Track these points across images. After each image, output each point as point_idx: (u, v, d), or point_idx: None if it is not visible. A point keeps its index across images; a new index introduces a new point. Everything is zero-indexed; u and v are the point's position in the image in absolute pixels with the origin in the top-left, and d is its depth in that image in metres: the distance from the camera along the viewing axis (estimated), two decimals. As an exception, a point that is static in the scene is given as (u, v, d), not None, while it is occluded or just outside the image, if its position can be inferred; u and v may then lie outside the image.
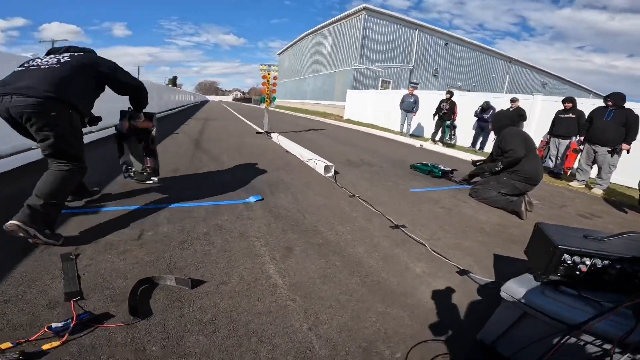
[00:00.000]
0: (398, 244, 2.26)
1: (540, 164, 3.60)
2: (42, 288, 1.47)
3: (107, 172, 3.36)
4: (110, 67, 2.27)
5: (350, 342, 1.31)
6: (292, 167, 4.41)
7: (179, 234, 2.14)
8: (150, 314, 1.36)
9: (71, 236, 1.95)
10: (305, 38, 30.43)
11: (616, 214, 3.87)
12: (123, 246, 1.91)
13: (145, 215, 2.38)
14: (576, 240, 1.12)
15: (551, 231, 1.18)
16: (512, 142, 3.48)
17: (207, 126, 9.16)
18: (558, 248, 1.07)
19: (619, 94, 5.11)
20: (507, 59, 28.10)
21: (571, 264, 1.08)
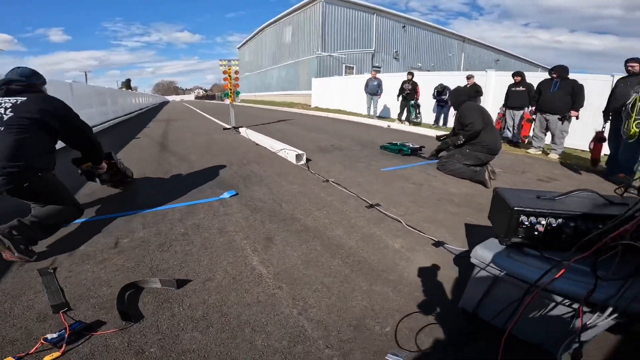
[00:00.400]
0: (375, 223, 2.33)
1: (497, 135, 3.81)
2: (28, 303, 1.45)
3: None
4: (62, 119, 2.07)
5: (340, 321, 1.35)
6: (263, 159, 4.38)
7: (156, 237, 2.09)
8: (141, 317, 1.36)
9: (44, 250, 1.89)
10: (264, 30, 29.76)
11: (572, 176, 4.19)
12: (100, 255, 1.86)
13: (118, 223, 2.31)
14: (530, 201, 1.21)
15: (507, 194, 1.27)
16: (470, 116, 3.67)
17: (171, 127, 8.83)
18: (514, 210, 1.16)
19: (562, 66, 5.53)
20: (461, 39, 28.96)
21: (529, 224, 1.17)
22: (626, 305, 0.95)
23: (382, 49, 23.23)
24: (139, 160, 4.41)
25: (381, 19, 23.03)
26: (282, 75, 26.34)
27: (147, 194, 2.94)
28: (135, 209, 2.55)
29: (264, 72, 30.59)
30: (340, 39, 21.50)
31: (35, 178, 1.89)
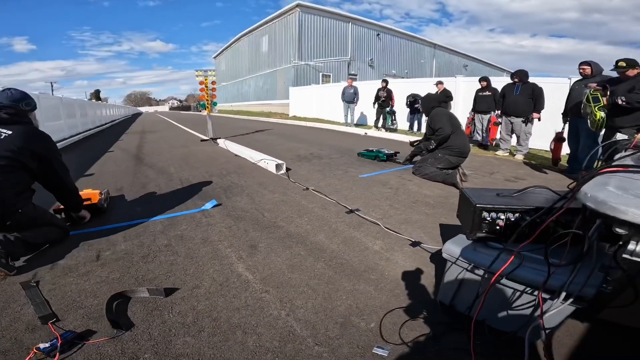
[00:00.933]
0: (355, 227, 2.43)
1: (466, 138, 4.02)
2: (14, 315, 1.44)
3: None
4: (41, 160, 2.04)
5: (327, 320, 1.43)
6: (243, 169, 4.41)
7: (139, 249, 2.10)
8: (132, 325, 1.38)
9: (23, 265, 1.88)
10: (241, 39, 29.70)
11: (536, 175, 4.48)
12: (83, 268, 1.86)
13: (97, 237, 2.28)
14: (491, 199, 1.34)
15: (470, 193, 1.40)
16: (440, 121, 3.87)
17: (145, 139, 8.65)
18: (476, 207, 1.28)
19: (522, 71, 5.91)
20: (432, 45, 29.97)
21: (490, 220, 1.30)
22: (579, 290, 1.07)
23: (357, 57, 23.64)
24: (114, 174, 4.33)
25: (356, 27, 23.48)
26: (259, 84, 26.27)
27: (126, 208, 2.91)
28: (114, 223, 2.53)
29: (240, 82, 30.39)
30: (316, 48, 21.74)
31: (17, 215, 1.91)
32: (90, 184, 3.70)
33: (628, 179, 0.55)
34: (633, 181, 0.53)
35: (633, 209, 0.37)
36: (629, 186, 0.48)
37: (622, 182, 0.51)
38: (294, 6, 20.62)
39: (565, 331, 1.36)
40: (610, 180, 0.52)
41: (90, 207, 2.58)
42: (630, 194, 0.41)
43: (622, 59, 3.71)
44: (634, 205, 0.37)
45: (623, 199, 0.39)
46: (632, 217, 0.37)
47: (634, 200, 0.38)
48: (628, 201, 0.38)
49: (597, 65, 4.53)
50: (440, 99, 4.59)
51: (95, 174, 4.38)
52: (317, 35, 21.67)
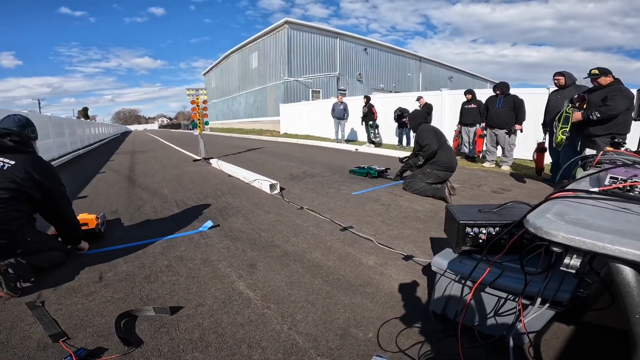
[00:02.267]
0: (349, 244, 2.52)
1: (452, 153, 4.15)
2: (24, 334, 1.49)
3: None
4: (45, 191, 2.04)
5: (327, 332, 1.51)
6: (238, 190, 4.47)
7: (140, 270, 2.15)
8: (141, 343, 1.43)
9: (27, 286, 1.92)
10: (230, 56, 29.99)
11: (522, 185, 4.67)
12: (87, 289, 1.91)
13: (98, 259, 2.33)
14: (473, 215, 1.46)
15: (455, 210, 1.52)
16: (427, 137, 4.01)
17: (137, 160, 8.65)
18: (460, 223, 1.40)
19: (504, 83, 6.18)
20: (418, 58, 30.67)
21: (473, 234, 1.41)
22: (553, 295, 1.18)
23: (346, 72, 24.03)
24: (108, 196, 4.35)
25: (344, 42, 23.89)
26: (249, 101, 26.46)
27: (123, 230, 2.94)
28: (112, 245, 2.58)
29: (231, 99, 30.54)
30: (306, 64, 22.04)
31: (25, 244, 1.95)
32: (85, 207, 3.72)
33: (572, 204, 0.66)
34: (575, 206, 0.63)
35: (562, 233, 0.47)
36: (567, 211, 0.58)
37: (563, 208, 0.62)
38: (283, 23, 21.02)
39: (552, 334, 1.47)
40: (554, 206, 0.62)
41: (88, 232, 2.61)
42: (564, 219, 0.52)
43: (595, 67, 3.92)
44: (562, 230, 0.47)
45: (554, 224, 0.49)
46: (561, 239, 0.48)
47: (564, 226, 0.48)
48: (558, 226, 0.49)
49: (570, 75, 4.74)
50: (425, 115, 4.73)
51: (88, 196, 4.39)
52: (306, 51, 22.02)
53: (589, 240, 0.45)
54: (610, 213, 0.58)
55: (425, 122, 4.39)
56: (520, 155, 6.70)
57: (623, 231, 0.47)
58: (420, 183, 4.00)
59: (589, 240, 0.45)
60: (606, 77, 3.84)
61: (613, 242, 0.43)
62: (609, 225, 0.49)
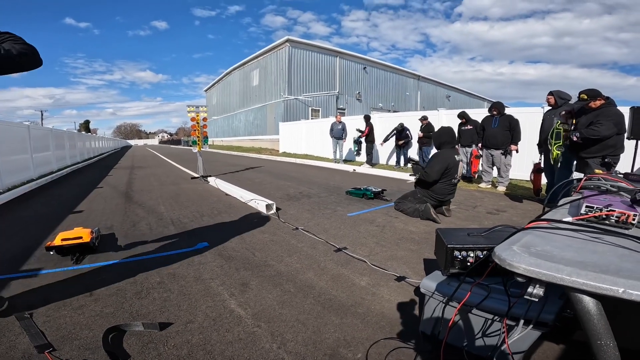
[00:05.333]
0: (342, 265, 2.52)
1: (452, 188, 3.94)
2: (10, 344, 1.49)
3: (27, 237, 3.09)
4: None
5: (316, 352, 1.50)
6: (234, 209, 4.47)
7: (132, 286, 2.15)
8: (128, 357, 1.42)
9: (17, 300, 1.93)
10: (232, 72, 30.21)
11: (518, 206, 4.69)
12: (76, 303, 1.91)
13: (89, 273, 2.33)
14: (461, 239, 1.48)
15: (444, 234, 1.54)
16: (432, 165, 3.85)
17: (135, 176, 8.68)
18: (448, 247, 1.42)
19: (499, 103, 6.28)
20: (416, 77, 30.76)
21: (461, 257, 1.43)
22: (537, 316, 1.19)
23: (345, 91, 24.03)
24: (104, 211, 4.35)
25: (344, 61, 23.90)
26: (249, 119, 26.59)
27: (116, 246, 2.94)
28: (105, 261, 2.57)
29: (231, 116, 30.66)
30: (306, 82, 22.03)
31: None
32: (80, 221, 3.74)
33: (544, 234, 0.69)
34: (546, 237, 0.65)
35: (523, 265, 0.50)
36: (536, 243, 0.60)
37: (533, 238, 0.64)
38: (284, 41, 21.16)
39: (542, 353, 1.48)
40: (525, 237, 0.64)
41: (82, 246, 2.62)
42: (528, 251, 0.54)
43: (584, 90, 3.92)
44: (524, 262, 0.50)
45: (518, 257, 0.52)
46: (522, 271, 0.50)
47: (526, 258, 0.51)
48: (520, 259, 0.51)
49: (561, 94, 4.76)
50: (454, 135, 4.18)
51: (84, 211, 4.40)
52: (306, 70, 22.06)
53: (548, 272, 0.47)
54: (579, 243, 0.60)
55: (450, 144, 4.00)
56: (518, 175, 6.73)
57: (584, 262, 0.49)
58: (408, 204, 4.00)
59: (547, 272, 0.47)
60: (595, 100, 3.90)
61: (571, 274, 0.46)
62: (572, 257, 0.51)
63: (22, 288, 2.10)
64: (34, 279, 2.26)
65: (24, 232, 3.44)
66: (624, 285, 0.43)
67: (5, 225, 3.80)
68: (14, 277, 2.27)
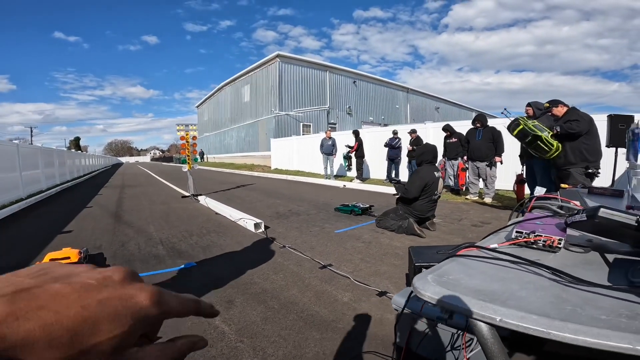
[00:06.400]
0: (326, 281, 2.59)
1: (432, 205, 4.04)
2: None
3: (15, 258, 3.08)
4: None
5: None
6: (223, 228, 4.52)
7: None
8: None
9: None
10: (223, 88, 30.28)
11: (502, 217, 4.80)
12: None
13: None
14: (429, 257, 1.58)
15: (414, 252, 1.65)
16: (413, 182, 3.97)
17: (125, 195, 8.67)
18: (415, 265, 1.52)
19: (482, 115, 6.50)
20: (405, 90, 31.18)
21: (430, 275, 1.53)
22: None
23: (336, 105, 24.15)
24: (93, 231, 4.37)
25: (334, 75, 24.13)
26: (241, 135, 26.57)
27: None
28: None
29: (223, 133, 30.63)
30: (296, 97, 22.11)
31: None
32: (69, 241, 3.77)
33: (466, 262, 0.78)
34: (466, 264, 0.74)
35: (428, 294, 0.58)
36: (453, 271, 0.69)
37: (455, 266, 0.72)
38: (275, 56, 21.33)
39: None
40: (445, 265, 0.73)
41: None
42: (438, 280, 0.62)
43: (548, 101, 4.18)
44: (429, 291, 0.58)
45: (426, 286, 0.59)
46: (428, 299, 0.58)
47: (432, 287, 0.58)
48: (427, 288, 0.59)
49: (537, 104, 4.89)
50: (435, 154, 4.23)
51: (73, 231, 4.43)
52: (296, 85, 22.17)
53: (445, 300, 0.55)
54: (494, 271, 0.68)
55: (430, 163, 4.11)
56: (503, 186, 6.89)
57: (482, 291, 0.57)
58: (391, 221, 4.09)
59: (445, 300, 0.55)
60: (556, 106, 4.13)
61: (461, 302, 0.54)
62: (475, 285, 0.59)
63: None
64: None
65: (13, 253, 3.45)
66: (502, 315, 0.50)
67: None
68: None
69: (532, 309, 0.51)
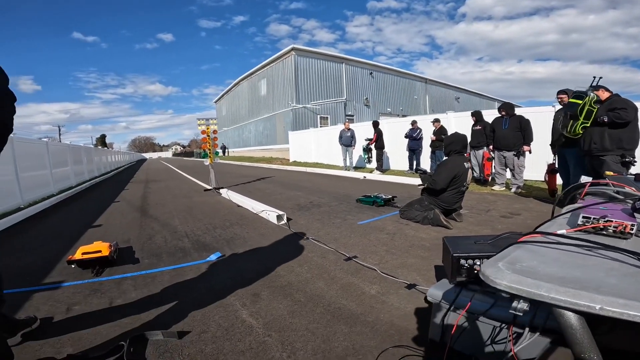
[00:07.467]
0: (352, 273, 2.53)
1: (459, 197, 3.89)
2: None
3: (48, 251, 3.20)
4: None
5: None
6: (246, 220, 4.53)
7: (148, 297, 2.24)
8: None
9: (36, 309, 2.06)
10: (240, 83, 30.51)
11: (532, 209, 4.59)
12: (97, 313, 2.02)
13: (109, 286, 2.44)
14: (467, 247, 1.49)
15: (450, 242, 1.55)
16: (440, 172, 3.81)
17: (149, 189, 8.90)
18: (453, 256, 1.43)
19: (508, 103, 6.20)
20: (424, 80, 30.56)
21: (468, 266, 1.44)
22: (543, 323, 1.19)
23: (353, 97, 23.95)
24: (121, 225, 4.50)
25: (350, 67, 23.88)
26: (259, 129, 26.79)
27: (134, 259, 3.03)
28: (123, 273, 2.68)
29: (241, 127, 30.94)
30: (313, 90, 22.06)
31: None
32: (99, 235, 3.89)
33: (533, 248, 0.70)
34: (536, 251, 0.67)
35: (505, 282, 0.51)
36: (523, 258, 0.61)
37: (522, 253, 0.65)
38: (290, 50, 21.32)
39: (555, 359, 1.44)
40: (515, 252, 0.66)
41: (101, 259, 2.73)
42: (512, 268, 0.55)
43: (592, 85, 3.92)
44: (506, 279, 0.51)
45: (500, 274, 0.53)
46: (504, 287, 0.51)
47: (508, 275, 0.52)
48: (503, 275, 0.52)
49: (569, 92, 4.60)
50: (464, 143, 4.01)
51: (102, 225, 4.58)
52: (312, 78, 22.11)
53: (528, 289, 0.49)
54: (568, 257, 0.61)
55: (459, 153, 3.91)
56: (532, 176, 6.59)
57: (566, 278, 0.50)
58: (415, 212, 3.97)
59: (527, 289, 0.49)
60: (598, 90, 3.85)
61: (550, 290, 0.47)
62: (555, 272, 0.52)
63: (45, 300, 2.21)
64: (56, 291, 2.37)
65: (46, 246, 3.59)
66: (602, 302, 0.44)
67: (28, 239, 3.98)
68: (37, 289, 2.39)
69: (630, 296, 0.44)
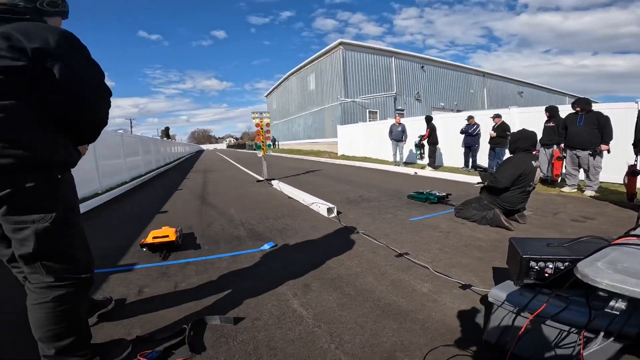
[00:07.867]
0: (403, 270, 2.49)
1: (524, 197, 3.65)
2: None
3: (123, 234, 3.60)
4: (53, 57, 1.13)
5: (372, 355, 1.54)
6: (297, 212, 4.65)
7: (208, 282, 2.41)
8: (203, 349, 1.61)
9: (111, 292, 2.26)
10: (289, 77, 31.18)
11: (608, 213, 4.10)
12: (164, 296, 2.20)
13: (174, 270, 2.66)
14: (539, 249, 1.39)
15: (518, 244, 1.46)
16: (503, 170, 3.60)
17: (208, 179, 9.53)
18: (523, 258, 1.35)
19: (585, 99, 5.55)
20: (481, 74, 28.87)
21: (538, 268, 1.34)
22: (620, 329, 1.08)
23: (403, 91, 23.47)
24: (184, 212, 4.89)
25: (399, 61, 23.38)
26: (308, 123, 27.22)
27: (196, 245, 3.28)
28: (186, 258, 2.91)
29: (291, 120, 31.68)
30: (362, 84, 21.95)
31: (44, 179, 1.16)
32: (165, 220, 4.27)
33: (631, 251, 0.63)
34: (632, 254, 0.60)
35: (606, 281, 0.47)
36: (622, 259, 0.56)
37: (620, 255, 0.59)
38: (338, 44, 21.29)
39: None
40: (612, 253, 0.60)
41: (169, 244, 3.00)
42: (613, 268, 0.51)
43: None
44: (607, 278, 0.47)
45: (601, 273, 0.49)
46: (605, 286, 0.47)
47: (610, 274, 0.48)
48: (604, 275, 0.48)
49: None
50: (534, 141, 3.70)
51: (169, 211, 5.02)
52: (361, 72, 21.95)
53: (631, 288, 0.45)
54: None
55: (527, 151, 3.63)
56: (608, 178, 5.89)
57: None
58: (472, 211, 3.75)
59: (630, 288, 0.45)
60: None
61: None
62: None
63: (120, 281, 2.44)
64: (130, 273, 2.62)
65: (121, 230, 4.03)
66: None
67: (105, 223, 4.49)
68: (113, 270, 2.67)
69: None
